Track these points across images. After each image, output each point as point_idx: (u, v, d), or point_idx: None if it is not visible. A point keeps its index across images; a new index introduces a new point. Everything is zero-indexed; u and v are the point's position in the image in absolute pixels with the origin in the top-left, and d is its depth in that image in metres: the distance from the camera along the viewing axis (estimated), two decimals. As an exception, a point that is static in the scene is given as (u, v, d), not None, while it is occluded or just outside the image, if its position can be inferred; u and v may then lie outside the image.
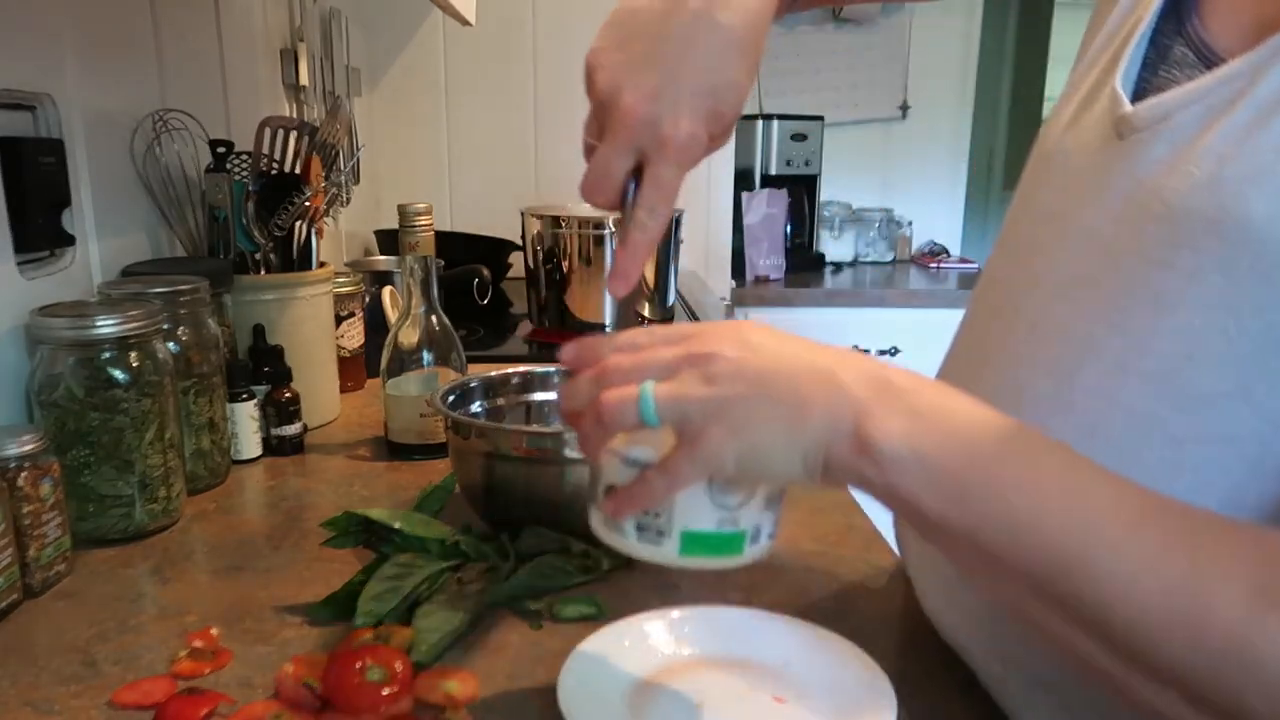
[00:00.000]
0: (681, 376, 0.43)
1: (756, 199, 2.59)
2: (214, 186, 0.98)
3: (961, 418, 0.42)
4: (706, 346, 0.44)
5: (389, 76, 2.13)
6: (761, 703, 0.53)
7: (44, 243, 0.82)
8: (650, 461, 0.45)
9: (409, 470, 0.91)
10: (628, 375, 0.44)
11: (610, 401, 0.44)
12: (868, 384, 0.42)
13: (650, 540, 0.46)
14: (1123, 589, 0.36)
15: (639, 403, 0.43)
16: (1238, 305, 0.41)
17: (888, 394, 0.42)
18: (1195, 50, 0.49)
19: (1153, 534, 0.37)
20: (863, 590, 0.68)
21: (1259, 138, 0.41)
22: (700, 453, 0.42)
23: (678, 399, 0.43)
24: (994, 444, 0.41)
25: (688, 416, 0.43)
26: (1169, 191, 0.45)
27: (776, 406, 0.42)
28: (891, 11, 2.82)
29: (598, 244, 1.40)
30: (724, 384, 0.42)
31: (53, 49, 0.85)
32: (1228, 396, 0.42)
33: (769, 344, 0.44)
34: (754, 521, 0.47)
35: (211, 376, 0.85)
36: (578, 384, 0.46)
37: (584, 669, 0.54)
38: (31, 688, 0.55)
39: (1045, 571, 0.38)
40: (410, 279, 0.92)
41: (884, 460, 0.40)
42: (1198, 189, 0.43)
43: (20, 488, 0.63)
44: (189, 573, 0.70)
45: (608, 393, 0.44)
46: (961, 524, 0.40)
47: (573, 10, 2.12)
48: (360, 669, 0.52)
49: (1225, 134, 0.43)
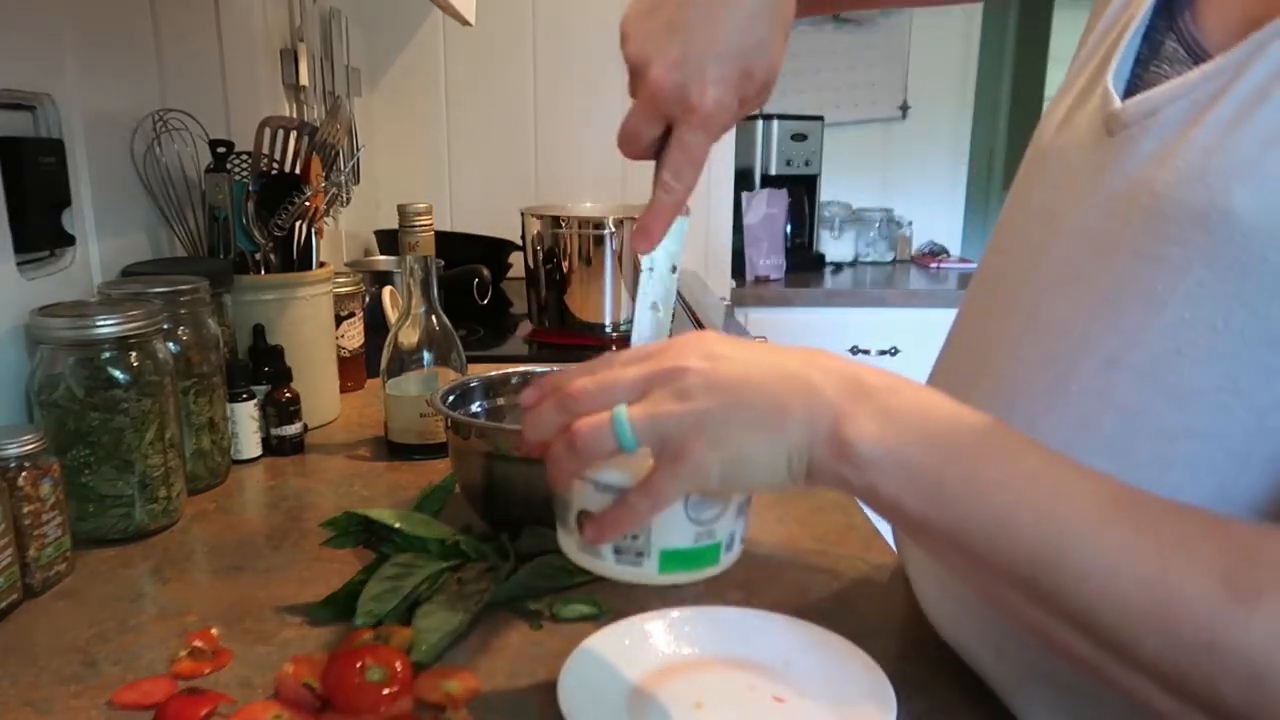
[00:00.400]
0: (653, 396, 0.43)
1: (756, 199, 2.59)
2: (214, 186, 0.98)
3: (938, 417, 0.42)
4: (672, 362, 0.43)
5: (389, 76, 2.13)
6: (761, 703, 0.53)
7: (44, 243, 0.82)
8: (624, 485, 0.44)
9: (409, 470, 0.91)
10: (595, 399, 0.43)
11: (583, 430, 0.43)
12: (841, 385, 0.42)
13: (629, 562, 0.46)
14: (1101, 584, 0.37)
15: (614, 427, 0.42)
16: (1224, 299, 0.42)
17: (861, 394, 0.42)
18: (1186, 46, 0.49)
19: (1126, 527, 0.37)
20: (863, 590, 0.68)
21: (1242, 131, 0.42)
22: (683, 470, 0.42)
23: (653, 418, 0.42)
24: (971, 442, 0.41)
25: (666, 435, 0.42)
26: (1157, 184, 0.45)
27: (755, 415, 0.42)
28: (891, 12, 2.82)
29: (597, 244, 1.40)
30: (698, 398, 0.42)
31: (53, 49, 0.85)
32: (1217, 391, 0.42)
33: (736, 353, 0.44)
34: (728, 530, 0.47)
35: (211, 376, 0.85)
36: (541, 414, 0.45)
37: (584, 669, 0.54)
38: (31, 688, 0.55)
39: (1027, 569, 0.38)
40: (410, 279, 0.92)
41: (862, 462, 0.41)
42: (1184, 182, 0.44)
43: (20, 488, 0.63)
44: (189, 573, 0.70)
45: (580, 421, 0.43)
46: (942, 523, 0.40)
47: (573, 10, 2.12)
48: (360, 669, 0.52)
49: (1210, 128, 0.43)
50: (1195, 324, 0.43)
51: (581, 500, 0.46)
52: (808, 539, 0.76)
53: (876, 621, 0.63)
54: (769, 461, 0.42)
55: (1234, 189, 0.42)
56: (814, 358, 0.44)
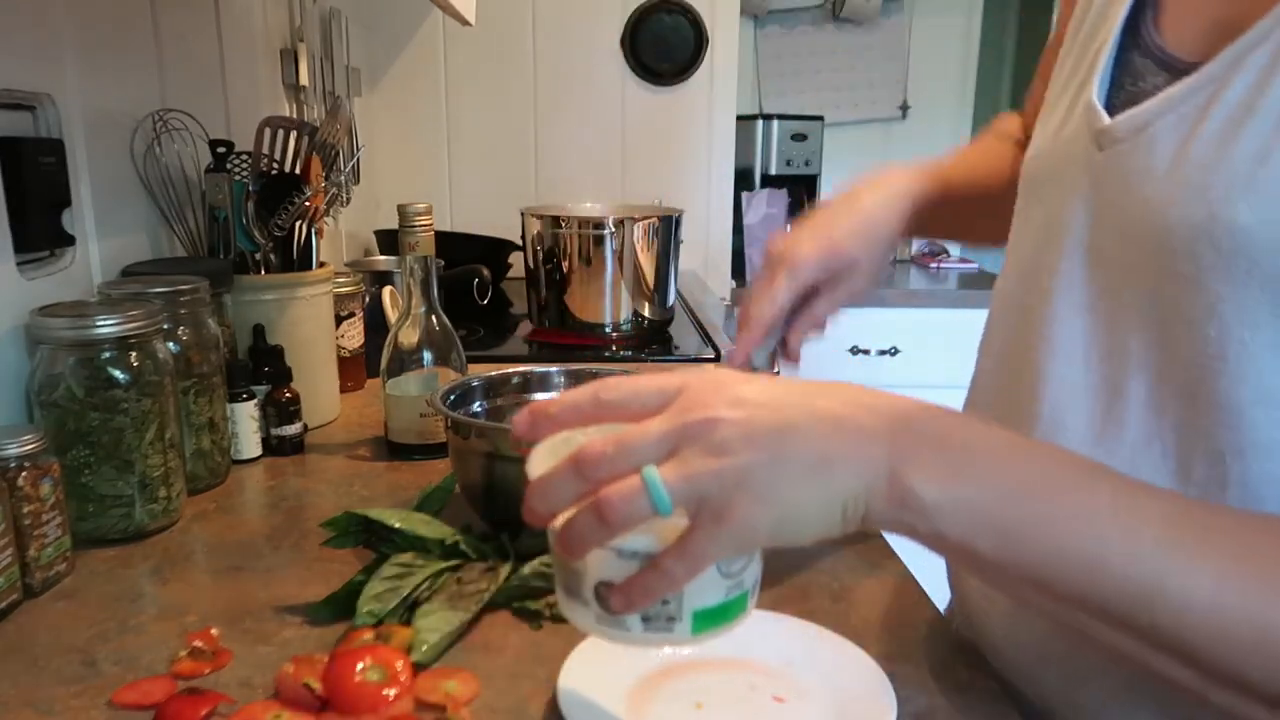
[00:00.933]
0: (683, 454, 0.39)
1: (756, 199, 2.59)
2: (214, 186, 0.98)
3: (999, 452, 0.40)
4: (700, 413, 0.39)
5: (389, 76, 2.13)
6: (761, 703, 0.53)
7: (44, 243, 0.82)
8: (652, 551, 0.40)
9: (409, 470, 0.91)
10: (616, 463, 0.39)
11: (613, 498, 0.39)
12: (891, 426, 0.40)
13: (660, 629, 0.42)
14: (1199, 619, 0.35)
15: (648, 492, 0.38)
16: (1247, 312, 0.42)
17: (914, 435, 0.40)
18: (1155, 59, 0.50)
19: (1221, 557, 0.36)
20: (863, 590, 0.68)
21: (1235, 147, 0.42)
22: (726, 531, 0.39)
23: (690, 480, 0.38)
24: (1040, 477, 0.39)
25: (705, 495, 0.38)
26: (1158, 202, 0.45)
27: (802, 467, 0.39)
28: (891, 12, 2.82)
29: (597, 244, 1.40)
30: (738, 452, 0.38)
31: (53, 49, 0.85)
32: (1254, 405, 0.42)
33: (765, 397, 0.40)
34: (754, 576, 0.45)
35: (211, 376, 0.85)
36: (553, 483, 0.41)
37: (584, 669, 0.54)
38: (32, 688, 0.55)
39: (1119, 606, 0.37)
40: (410, 279, 0.92)
41: (927, 510, 0.38)
42: (1187, 199, 0.44)
43: (20, 488, 0.63)
44: (189, 573, 0.70)
45: (609, 490, 0.39)
46: (1020, 566, 0.38)
47: (573, 10, 2.12)
48: (360, 669, 0.52)
49: (1204, 142, 0.44)
50: (1222, 339, 0.42)
51: (600, 570, 0.42)
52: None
53: (876, 621, 0.63)
54: (822, 513, 0.40)
55: (1236, 202, 0.41)
56: (854, 396, 0.41)
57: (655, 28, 2.14)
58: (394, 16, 2.09)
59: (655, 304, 1.48)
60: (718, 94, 2.18)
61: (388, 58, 2.12)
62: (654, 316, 1.48)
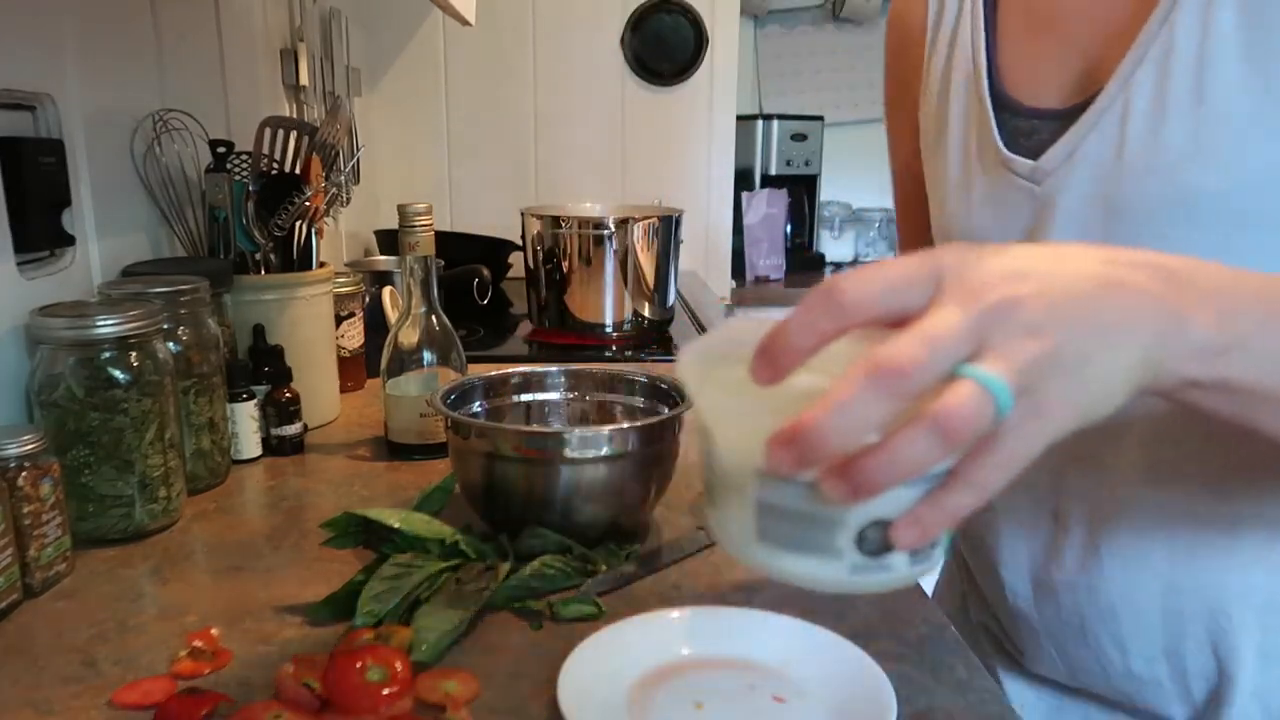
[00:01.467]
0: (998, 345, 0.34)
1: (756, 199, 2.59)
2: (214, 186, 0.98)
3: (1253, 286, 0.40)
4: (991, 294, 0.35)
5: (389, 76, 2.13)
6: (761, 703, 0.53)
7: (44, 243, 0.82)
8: (945, 467, 0.35)
9: (409, 470, 0.91)
10: (930, 369, 0.34)
11: (955, 407, 0.33)
12: (1154, 277, 0.38)
13: (922, 560, 0.38)
14: None
15: (991, 395, 0.33)
16: (1250, 254, 0.45)
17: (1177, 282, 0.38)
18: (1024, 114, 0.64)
19: None
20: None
21: (1164, 136, 0.53)
22: (1048, 417, 0.35)
23: (1020, 371, 0.34)
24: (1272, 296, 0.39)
25: (1030, 388, 0.34)
26: (1128, 191, 0.55)
27: (1104, 335, 0.36)
28: (891, 11, 2.82)
29: (597, 244, 1.40)
30: (1051, 332, 0.34)
31: (53, 49, 0.85)
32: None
33: (1037, 265, 0.36)
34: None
35: (211, 376, 0.85)
36: (853, 405, 0.33)
37: (584, 669, 0.54)
38: (32, 688, 0.55)
39: None
40: (410, 279, 0.92)
41: (1212, 355, 0.38)
42: (1148, 175, 0.53)
43: (20, 488, 0.63)
44: (189, 573, 0.70)
45: (946, 401, 0.33)
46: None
47: (573, 10, 2.12)
48: (360, 669, 0.52)
49: (1135, 144, 0.55)
50: None
51: (874, 507, 0.36)
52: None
53: (876, 621, 0.63)
54: (1124, 380, 0.37)
55: (1193, 170, 0.50)
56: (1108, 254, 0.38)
57: (655, 28, 2.14)
58: (394, 16, 2.09)
59: (655, 304, 1.48)
60: (718, 94, 2.18)
61: (388, 58, 2.12)
62: (654, 316, 1.48)
